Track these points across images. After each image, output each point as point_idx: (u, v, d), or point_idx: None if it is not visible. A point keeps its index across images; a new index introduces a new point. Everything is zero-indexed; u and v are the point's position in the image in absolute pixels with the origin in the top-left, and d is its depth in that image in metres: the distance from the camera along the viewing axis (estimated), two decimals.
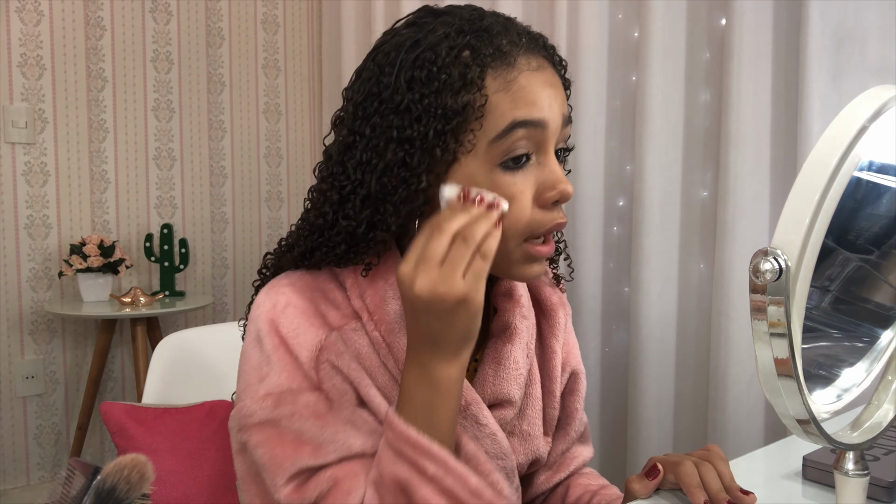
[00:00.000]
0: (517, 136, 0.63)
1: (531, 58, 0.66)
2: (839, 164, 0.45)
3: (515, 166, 0.64)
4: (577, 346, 0.86)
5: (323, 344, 0.67)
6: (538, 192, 0.65)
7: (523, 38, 0.66)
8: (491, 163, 0.64)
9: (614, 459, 1.68)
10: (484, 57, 0.64)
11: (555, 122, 0.65)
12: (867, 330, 0.57)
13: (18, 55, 2.25)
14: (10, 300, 2.29)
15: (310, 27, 2.81)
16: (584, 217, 1.65)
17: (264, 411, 0.65)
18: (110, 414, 0.98)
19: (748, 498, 0.67)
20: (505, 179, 0.64)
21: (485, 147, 0.64)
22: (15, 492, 2.29)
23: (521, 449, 0.77)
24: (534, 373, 0.78)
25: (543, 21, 1.77)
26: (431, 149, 0.64)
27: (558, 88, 0.67)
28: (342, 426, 0.65)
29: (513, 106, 0.63)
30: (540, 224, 0.65)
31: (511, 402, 0.74)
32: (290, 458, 0.64)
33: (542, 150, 0.66)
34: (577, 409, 0.84)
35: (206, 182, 2.62)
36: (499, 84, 0.64)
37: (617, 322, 1.68)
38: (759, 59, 1.34)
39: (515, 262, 0.67)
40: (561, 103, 0.67)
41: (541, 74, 0.66)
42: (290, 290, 0.69)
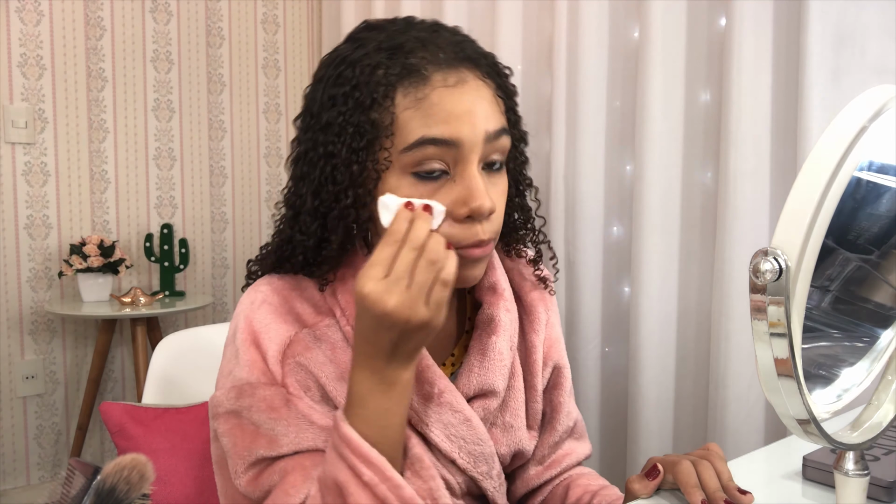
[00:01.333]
0: (427, 151, 0.64)
1: (449, 74, 0.66)
2: (839, 164, 0.45)
3: (430, 178, 0.66)
4: (560, 341, 0.87)
5: (291, 340, 0.70)
6: (453, 207, 0.66)
7: (442, 54, 0.66)
8: (405, 172, 0.66)
9: (614, 459, 1.68)
10: (391, 76, 0.65)
11: (471, 138, 0.65)
12: (867, 330, 0.57)
13: (18, 55, 2.25)
14: (10, 300, 2.29)
15: (310, 27, 2.81)
16: (584, 217, 1.65)
17: (229, 402, 0.69)
18: (110, 414, 0.98)
19: (745, 497, 0.67)
20: (415, 191, 0.65)
21: (398, 159, 0.65)
22: (15, 492, 2.29)
23: (504, 440, 0.79)
24: (516, 366, 0.81)
25: (543, 21, 1.77)
26: (349, 165, 0.66)
27: (482, 102, 0.67)
28: (295, 421, 0.67)
29: (423, 123, 0.64)
30: (458, 239, 0.66)
31: (495, 392, 0.76)
32: (247, 448, 0.67)
33: (458, 166, 0.66)
34: (561, 403, 0.86)
35: (206, 182, 2.62)
36: (409, 101, 0.65)
37: (617, 322, 1.68)
38: (759, 59, 1.34)
39: None
40: (485, 118, 0.66)
41: (458, 91, 0.66)
42: (267, 289, 0.73)
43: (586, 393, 1.67)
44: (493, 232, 0.69)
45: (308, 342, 0.71)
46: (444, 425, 0.72)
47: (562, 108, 1.68)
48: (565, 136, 1.68)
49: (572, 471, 0.87)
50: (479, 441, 0.74)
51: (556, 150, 1.69)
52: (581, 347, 1.67)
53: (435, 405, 0.72)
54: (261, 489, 0.67)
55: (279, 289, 0.73)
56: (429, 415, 0.72)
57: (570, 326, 1.70)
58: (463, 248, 0.67)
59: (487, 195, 0.66)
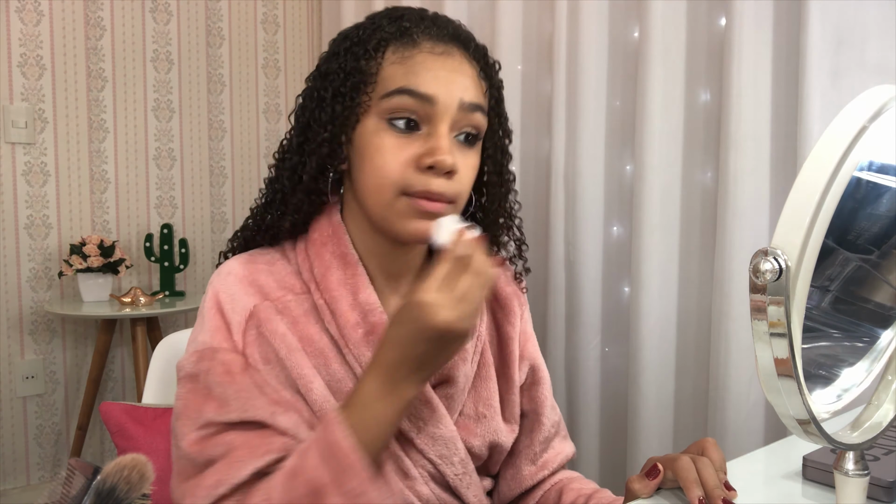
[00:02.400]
0: (404, 101, 0.71)
1: (438, 44, 0.74)
2: (839, 164, 0.45)
3: (403, 130, 0.72)
4: (533, 337, 0.90)
5: (253, 311, 0.73)
6: (420, 156, 0.71)
7: (436, 28, 0.75)
8: (380, 117, 0.72)
9: (614, 459, 1.68)
10: (386, 34, 0.74)
11: (446, 100, 0.71)
12: (867, 330, 0.57)
13: (18, 55, 2.25)
14: (10, 300, 2.29)
15: (310, 27, 2.81)
16: (584, 217, 1.65)
17: (190, 365, 0.71)
18: (110, 414, 0.98)
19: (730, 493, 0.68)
20: (390, 137, 0.71)
21: (376, 105, 0.72)
22: (15, 492, 2.29)
23: (478, 430, 0.80)
24: (487, 356, 0.83)
25: (543, 21, 1.77)
26: (333, 105, 0.74)
27: (462, 75, 0.73)
28: (248, 388, 0.69)
29: (404, 76, 0.72)
30: (412, 182, 0.71)
31: (454, 378, 0.78)
32: (196, 410, 0.69)
33: (431, 123, 0.72)
34: (545, 398, 0.87)
35: (206, 182, 2.62)
36: (397, 57, 0.73)
37: (617, 322, 1.68)
38: (759, 59, 1.34)
39: (400, 214, 0.72)
40: (463, 88, 0.73)
41: (441, 58, 0.73)
42: (234, 262, 0.77)
43: (586, 393, 1.67)
44: (450, 191, 0.72)
45: (269, 314, 0.73)
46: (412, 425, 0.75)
47: (562, 108, 1.68)
48: (565, 136, 1.68)
49: (562, 474, 0.88)
50: (438, 423, 0.76)
51: (556, 150, 1.69)
52: (581, 347, 1.67)
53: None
54: (203, 456, 0.67)
55: (245, 262, 0.77)
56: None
57: (571, 326, 1.70)
58: (413, 196, 0.71)
59: (452, 155, 0.71)
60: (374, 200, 0.73)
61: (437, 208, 0.71)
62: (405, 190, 0.71)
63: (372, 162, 0.72)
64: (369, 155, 0.73)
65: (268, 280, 0.76)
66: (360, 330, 0.74)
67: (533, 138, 1.82)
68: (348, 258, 0.76)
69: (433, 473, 0.77)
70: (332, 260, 0.76)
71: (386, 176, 0.71)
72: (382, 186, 0.72)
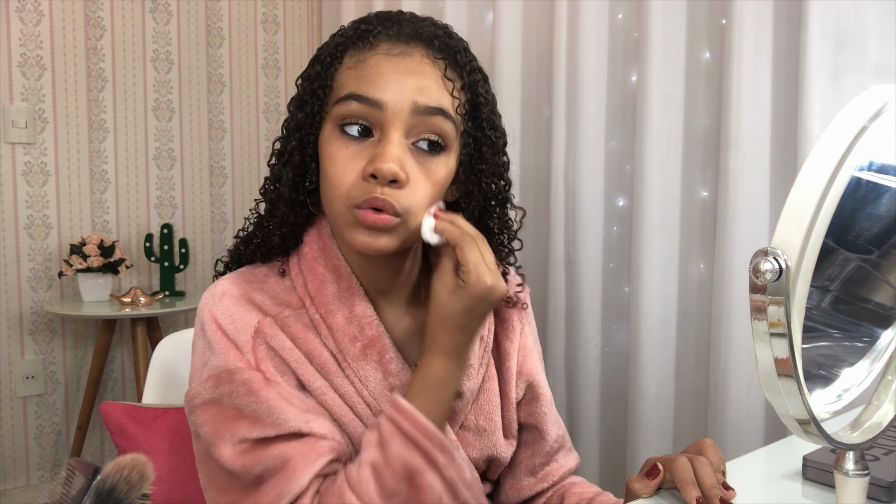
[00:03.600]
0: (352, 107, 0.69)
1: (396, 46, 0.70)
2: (839, 164, 0.45)
3: (356, 137, 0.69)
4: (533, 353, 0.87)
5: (257, 327, 0.72)
6: (365, 166, 0.68)
7: (397, 29, 0.71)
8: (334, 124, 0.71)
9: (614, 460, 1.68)
10: (346, 40, 0.73)
11: (396, 104, 0.68)
12: (867, 330, 0.57)
13: (18, 55, 2.25)
14: (10, 300, 2.29)
15: (310, 27, 2.81)
16: (584, 217, 1.65)
17: (207, 392, 0.69)
18: (110, 414, 0.98)
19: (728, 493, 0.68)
20: (341, 145, 0.70)
21: (331, 112, 0.71)
22: (15, 492, 2.29)
23: (476, 444, 0.80)
24: (490, 371, 0.82)
25: (543, 21, 1.77)
26: (297, 113, 0.74)
27: (420, 76, 0.69)
28: (276, 401, 0.68)
29: (355, 82, 0.70)
30: (357, 194, 0.68)
31: (460, 392, 0.77)
32: (230, 431, 0.67)
33: (382, 130, 0.69)
34: (545, 413, 0.86)
35: (206, 182, 2.62)
36: (352, 62, 0.71)
37: (617, 322, 1.68)
38: (759, 59, 1.34)
39: (349, 226, 0.69)
40: (418, 90, 0.68)
41: (398, 59, 0.70)
42: (225, 282, 0.75)
43: (586, 393, 1.67)
44: (396, 203, 0.67)
45: (273, 329, 0.72)
46: None
47: (562, 109, 1.68)
48: (565, 136, 1.68)
49: (564, 481, 0.87)
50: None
51: (556, 150, 1.69)
52: (581, 347, 1.67)
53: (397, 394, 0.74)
54: (251, 471, 0.66)
55: (237, 281, 0.76)
56: None
57: (571, 326, 1.70)
58: (358, 208, 0.68)
59: (398, 162, 0.67)
60: (328, 210, 0.72)
61: (382, 221, 0.67)
62: (352, 202, 0.68)
63: (326, 172, 0.71)
64: (324, 164, 0.71)
65: (262, 297, 0.74)
66: (358, 344, 0.73)
67: (533, 139, 1.82)
68: (341, 271, 0.75)
69: None
70: (325, 273, 0.75)
71: (336, 187, 0.69)
72: (334, 198, 0.70)
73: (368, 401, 0.73)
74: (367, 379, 0.73)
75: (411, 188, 0.69)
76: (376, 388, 0.73)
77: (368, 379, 0.73)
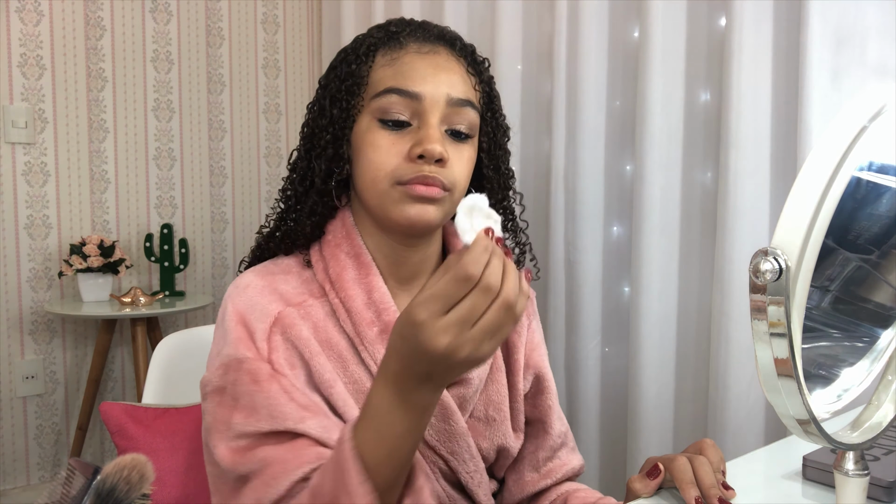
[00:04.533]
0: (392, 100, 0.74)
1: (424, 45, 0.78)
2: (839, 164, 0.45)
3: (395, 128, 0.75)
4: (541, 347, 0.90)
5: (277, 316, 0.74)
6: (410, 149, 0.74)
7: (422, 32, 0.79)
8: (373, 117, 0.75)
9: (614, 460, 1.68)
10: (376, 40, 0.78)
11: (433, 95, 0.74)
12: (867, 330, 0.57)
13: (18, 55, 2.25)
14: (10, 300, 2.29)
15: (310, 27, 2.81)
16: (584, 217, 1.65)
17: (217, 379, 0.72)
18: (110, 414, 0.98)
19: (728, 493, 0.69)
20: (383, 134, 0.75)
21: (369, 105, 0.76)
22: (15, 492, 2.29)
23: (486, 433, 0.81)
24: (498, 362, 0.84)
25: (543, 21, 1.77)
26: (331, 110, 0.78)
27: (449, 71, 0.77)
28: (276, 394, 0.69)
29: (392, 77, 0.75)
30: (404, 172, 0.73)
31: (467, 379, 0.79)
32: (225, 423, 0.69)
33: (420, 119, 0.75)
34: (550, 407, 0.88)
35: (206, 182, 2.62)
36: (386, 60, 0.77)
37: (617, 322, 1.68)
38: (759, 59, 1.34)
39: (395, 201, 0.74)
40: (450, 84, 0.76)
41: (429, 57, 0.77)
42: (250, 275, 0.78)
43: (586, 393, 1.67)
44: (444, 177, 0.74)
45: (293, 319, 0.74)
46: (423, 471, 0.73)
47: (562, 108, 1.68)
48: (565, 136, 1.68)
49: (568, 486, 0.88)
50: (449, 420, 0.77)
51: (556, 150, 1.69)
52: (581, 347, 1.67)
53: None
54: (237, 471, 0.67)
55: (261, 273, 0.78)
56: None
57: (570, 326, 1.69)
58: (407, 183, 0.73)
59: (442, 144, 0.73)
60: (371, 193, 0.76)
61: (431, 192, 0.73)
62: (399, 180, 0.73)
63: (367, 158, 0.75)
64: (365, 152, 0.75)
65: (286, 287, 0.77)
66: (375, 328, 0.75)
67: (533, 138, 1.82)
68: (362, 258, 0.78)
69: (444, 471, 0.78)
70: (346, 259, 0.78)
71: (380, 168, 0.74)
72: (377, 179, 0.74)
73: None
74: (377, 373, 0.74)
75: (451, 166, 0.75)
76: None
77: None
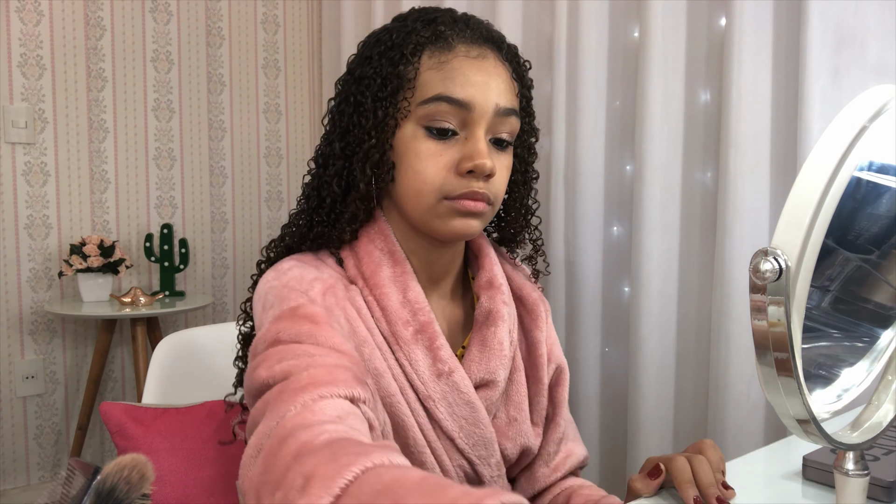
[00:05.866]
0: (441, 108, 0.72)
1: (472, 47, 0.75)
2: (839, 164, 0.45)
3: (441, 137, 0.73)
4: (557, 342, 0.91)
5: (331, 284, 0.72)
6: (458, 161, 0.73)
7: (469, 31, 0.76)
8: (418, 123, 0.73)
9: (614, 459, 1.68)
10: (422, 38, 0.74)
11: (483, 106, 0.73)
12: (867, 330, 0.57)
13: (18, 55, 2.25)
14: (10, 300, 2.29)
15: (310, 27, 2.81)
16: (584, 217, 1.65)
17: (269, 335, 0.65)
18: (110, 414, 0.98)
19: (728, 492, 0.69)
20: (429, 143, 0.73)
21: (415, 111, 0.73)
22: (15, 492, 2.29)
23: (510, 433, 0.80)
24: (517, 361, 0.83)
25: (543, 21, 1.77)
26: (374, 111, 0.74)
27: (497, 79, 0.75)
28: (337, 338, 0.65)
29: (441, 83, 0.72)
30: (453, 188, 0.73)
31: (496, 381, 0.78)
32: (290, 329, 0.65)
33: (468, 129, 0.73)
34: (563, 399, 0.88)
35: (206, 182, 2.62)
36: (433, 62, 0.74)
37: (617, 322, 1.68)
38: (759, 59, 1.34)
39: (441, 216, 0.73)
40: (498, 93, 0.74)
41: (477, 62, 0.74)
42: (290, 261, 0.75)
43: (586, 393, 1.67)
44: (489, 192, 0.74)
45: (340, 290, 0.72)
46: (449, 403, 0.74)
47: (562, 108, 1.68)
48: (565, 137, 1.68)
49: (572, 481, 0.88)
50: (480, 424, 0.76)
51: (556, 150, 1.68)
52: (581, 347, 1.67)
53: (444, 383, 0.74)
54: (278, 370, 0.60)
55: (300, 260, 0.75)
56: (437, 391, 0.74)
57: (571, 326, 1.69)
58: (455, 199, 0.73)
59: (491, 159, 0.72)
60: (415, 204, 0.74)
61: (478, 208, 0.73)
62: (446, 195, 0.73)
63: (412, 167, 0.73)
64: (409, 160, 0.74)
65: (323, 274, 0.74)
66: (411, 328, 0.74)
67: None
68: (397, 256, 0.77)
69: (468, 473, 0.78)
70: (381, 257, 0.76)
71: (427, 181, 0.73)
72: (423, 192, 0.73)
73: (416, 385, 0.74)
74: (416, 363, 0.74)
75: (495, 179, 0.75)
76: (425, 372, 0.74)
77: (418, 363, 0.74)
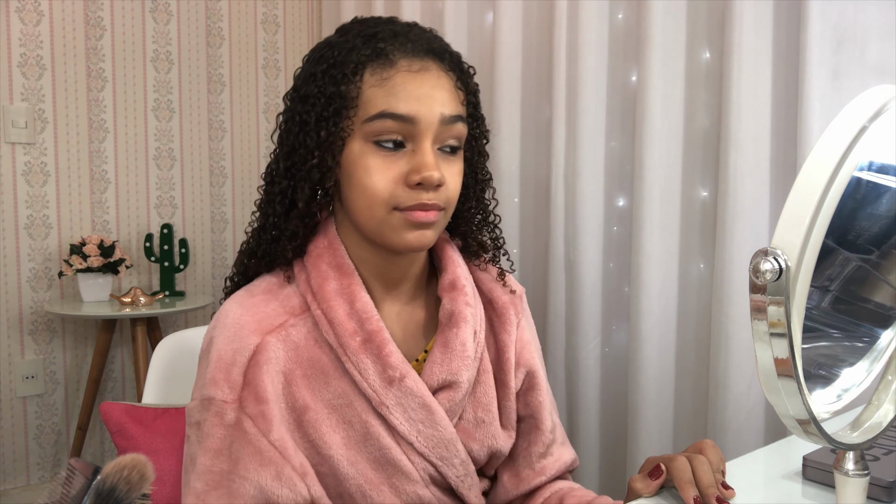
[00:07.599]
0: (386, 124, 0.73)
1: (414, 61, 0.75)
2: (839, 164, 0.45)
3: (389, 149, 0.74)
4: (531, 343, 0.90)
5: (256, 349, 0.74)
6: (407, 173, 0.74)
7: (410, 44, 0.76)
8: (365, 140, 0.74)
9: (614, 460, 1.68)
10: (363, 56, 0.75)
11: (427, 118, 0.73)
12: (867, 330, 0.57)
13: (18, 55, 2.25)
14: (10, 300, 2.29)
15: (310, 27, 2.81)
16: (584, 217, 1.65)
17: (196, 413, 0.74)
18: (110, 414, 0.98)
19: (728, 492, 0.69)
20: (376, 158, 0.74)
21: (360, 128, 0.74)
22: (15, 492, 2.29)
23: (477, 435, 0.81)
24: (485, 363, 0.84)
25: (543, 21, 1.77)
26: (318, 130, 0.75)
27: (441, 90, 0.75)
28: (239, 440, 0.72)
29: (385, 100, 0.73)
30: (403, 199, 0.74)
31: (458, 383, 0.79)
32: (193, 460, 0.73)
33: (415, 141, 0.74)
34: (542, 402, 0.88)
35: (206, 182, 2.62)
36: (375, 80, 0.74)
37: (617, 322, 1.68)
38: (759, 59, 1.34)
39: (395, 228, 0.74)
40: (442, 103, 0.75)
41: (420, 76, 0.75)
42: (232, 303, 0.78)
43: (586, 393, 1.67)
44: (440, 200, 0.75)
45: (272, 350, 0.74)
46: (404, 408, 0.76)
47: (562, 109, 1.68)
48: (565, 137, 1.68)
49: (562, 484, 0.88)
50: (438, 426, 0.77)
51: (556, 150, 1.68)
52: (581, 347, 1.67)
53: (395, 389, 0.75)
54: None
55: (242, 301, 0.78)
56: (389, 397, 0.75)
57: (570, 326, 1.69)
58: (406, 210, 0.73)
59: (438, 169, 0.74)
60: (367, 218, 0.75)
61: (429, 218, 0.74)
62: (396, 206, 0.74)
63: (361, 182, 0.74)
64: (358, 176, 0.74)
65: (266, 310, 0.77)
66: (358, 338, 0.75)
67: (533, 139, 1.82)
68: (344, 268, 0.78)
69: (434, 476, 0.78)
70: (328, 270, 0.78)
71: (376, 195, 0.73)
72: (373, 205, 0.74)
73: (368, 394, 0.75)
74: (366, 371, 0.75)
75: (446, 187, 0.75)
76: (375, 380, 0.75)
77: (368, 371, 0.75)
